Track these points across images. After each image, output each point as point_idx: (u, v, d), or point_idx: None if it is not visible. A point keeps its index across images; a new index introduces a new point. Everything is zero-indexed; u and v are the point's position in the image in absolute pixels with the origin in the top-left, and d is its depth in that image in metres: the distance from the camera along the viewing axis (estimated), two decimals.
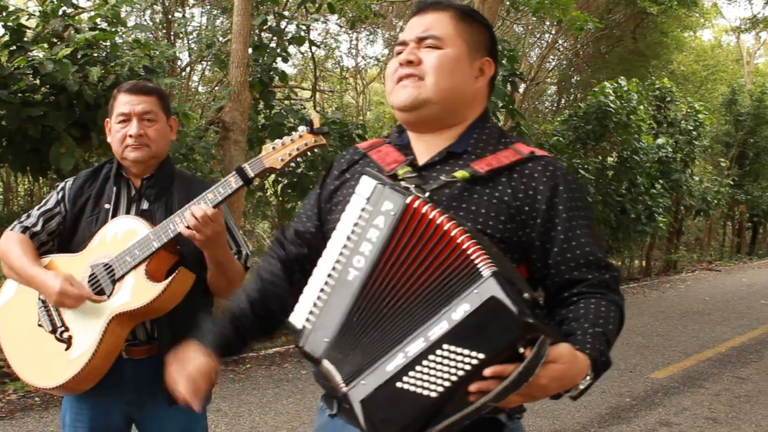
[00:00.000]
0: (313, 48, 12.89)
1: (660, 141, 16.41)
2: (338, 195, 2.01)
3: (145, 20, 14.28)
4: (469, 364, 1.50)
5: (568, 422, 5.99)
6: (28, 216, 2.80)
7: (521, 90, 19.83)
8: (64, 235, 2.79)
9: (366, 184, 1.70)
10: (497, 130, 1.97)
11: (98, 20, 7.41)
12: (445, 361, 1.52)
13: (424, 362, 1.53)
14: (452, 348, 1.51)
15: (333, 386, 1.68)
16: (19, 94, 6.73)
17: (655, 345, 9.24)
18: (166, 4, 14.57)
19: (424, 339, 1.54)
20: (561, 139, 14.11)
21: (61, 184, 2.86)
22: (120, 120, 2.77)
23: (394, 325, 1.60)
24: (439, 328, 1.53)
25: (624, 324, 1.85)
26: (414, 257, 1.60)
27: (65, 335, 2.64)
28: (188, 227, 2.52)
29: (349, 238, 1.67)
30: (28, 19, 7.24)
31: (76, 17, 7.46)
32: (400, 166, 1.89)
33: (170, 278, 2.56)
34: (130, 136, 2.73)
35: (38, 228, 2.75)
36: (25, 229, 2.74)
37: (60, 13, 7.21)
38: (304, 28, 10.24)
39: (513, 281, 1.54)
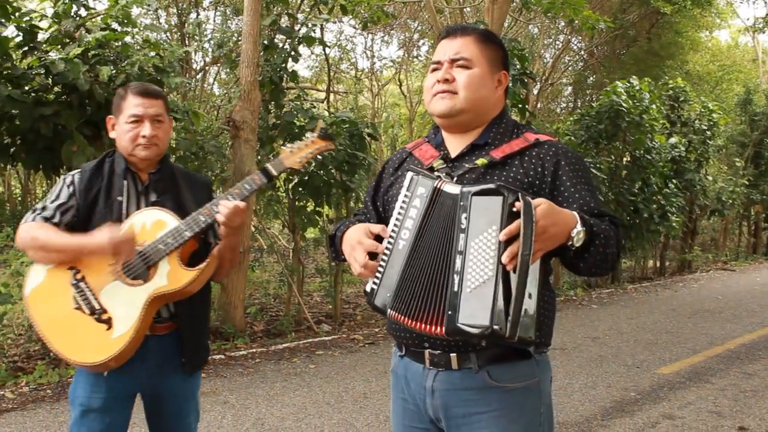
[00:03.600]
0: (327, 49, 12.96)
1: (673, 140, 16.36)
2: (393, 189, 2.51)
3: (160, 22, 14.44)
4: (493, 239, 1.97)
5: (572, 415, 6.04)
6: (44, 208, 2.97)
7: (535, 91, 19.87)
8: (79, 226, 2.96)
9: (407, 177, 2.25)
10: (512, 123, 2.48)
11: (109, 21, 7.52)
12: (480, 252, 1.99)
13: (469, 263, 2.00)
14: (475, 241, 2.00)
15: (404, 334, 2.33)
16: (32, 94, 6.88)
17: (664, 342, 9.25)
18: (181, 6, 14.72)
19: (458, 254, 2.03)
20: (573, 138, 14.12)
21: (69, 179, 3.02)
22: (132, 120, 3.01)
23: (437, 267, 2.10)
24: (462, 240, 2.03)
25: (620, 249, 2.26)
26: (439, 219, 2.13)
27: (105, 317, 2.88)
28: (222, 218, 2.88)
29: (397, 218, 2.21)
30: (40, 20, 7.36)
31: (86, 17, 7.57)
32: (435, 159, 2.41)
33: (204, 264, 2.94)
34: (143, 136, 3.00)
35: (56, 220, 2.95)
36: (45, 220, 2.94)
37: (72, 14, 7.33)
38: (314, 28, 10.32)
39: (478, 184, 2.10)
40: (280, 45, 10.01)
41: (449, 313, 2.02)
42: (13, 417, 5.83)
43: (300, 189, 9.79)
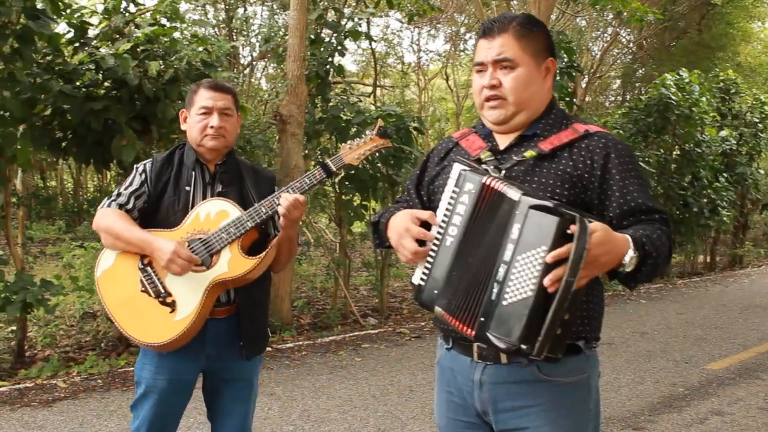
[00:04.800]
0: (374, 43, 12.98)
1: (724, 133, 16.11)
2: (439, 179, 2.47)
3: (208, 17, 14.57)
4: (540, 258, 1.92)
5: (619, 410, 6.00)
6: (119, 195, 3.20)
7: (583, 84, 19.69)
8: (148, 212, 3.20)
9: (454, 171, 2.21)
10: (561, 114, 2.42)
11: (158, 16, 7.62)
12: (524, 268, 1.95)
13: (511, 277, 1.98)
14: (522, 256, 1.96)
15: (451, 328, 2.21)
16: (83, 89, 6.98)
17: (714, 337, 9.14)
18: (229, 1, 14.85)
19: (503, 263, 2.00)
20: (621, 131, 13.99)
21: (141, 167, 3.27)
22: (202, 112, 3.20)
23: (481, 268, 2.07)
24: (508, 251, 1.99)
25: (671, 252, 2.22)
26: (487, 218, 2.08)
27: (169, 300, 3.05)
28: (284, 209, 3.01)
29: (445, 214, 2.18)
30: (90, 16, 7.48)
31: (135, 13, 7.68)
32: (483, 151, 2.37)
33: (264, 253, 3.07)
34: (211, 127, 3.17)
35: (130, 206, 3.17)
36: (120, 206, 3.15)
37: (121, 10, 7.44)
38: (360, 22, 10.34)
39: (540, 196, 2.03)
40: (326, 39, 10.05)
41: (482, 319, 2.03)
42: (65, 405, 5.95)
43: (346, 183, 9.83)
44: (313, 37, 9.81)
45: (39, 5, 6.55)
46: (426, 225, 2.25)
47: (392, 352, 8.16)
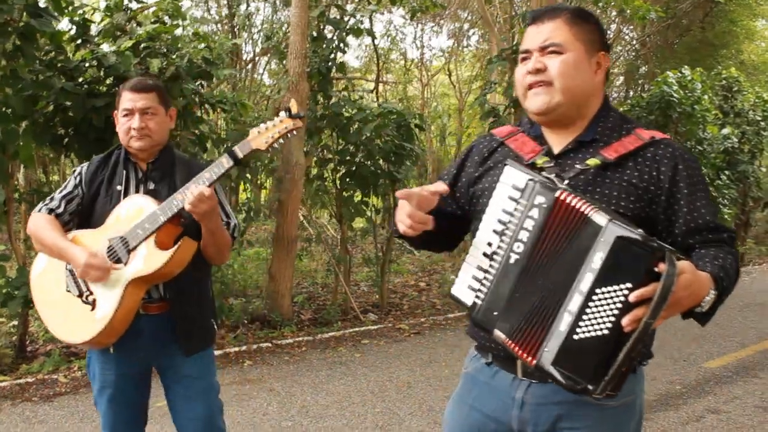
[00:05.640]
0: (377, 40, 13.00)
1: (726, 131, 16.10)
2: (484, 181, 2.31)
3: (210, 14, 14.61)
4: (622, 295, 1.78)
5: None
6: (52, 199, 3.25)
7: None
8: (83, 214, 3.25)
9: (516, 177, 2.04)
10: (619, 117, 2.24)
11: (160, 14, 7.66)
12: (603, 303, 1.82)
13: (587, 311, 1.84)
14: (603, 289, 1.82)
15: (499, 347, 2.12)
16: (85, 86, 7.01)
17: (712, 335, 9.15)
18: None
19: (579, 293, 1.85)
20: None
21: (78, 169, 3.32)
22: (124, 114, 3.22)
23: (550, 293, 1.92)
24: (587, 280, 1.84)
25: (738, 276, 2.09)
26: (561, 238, 1.92)
27: (90, 298, 3.09)
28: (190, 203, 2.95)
29: (506, 226, 2.03)
30: (93, 13, 7.52)
31: (136, 11, 7.72)
32: (539, 155, 2.19)
33: (175, 247, 3.02)
34: (133, 128, 3.18)
35: (61, 210, 3.22)
36: (50, 211, 3.21)
37: (123, 7, 7.47)
38: (362, 19, 10.36)
39: (627, 224, 1.84)
40: (328, 36, 10.08)
41: (546, 349, 1.90)
42: (66, 400, 6.02)
43: (347, 179, 9.87)
44: (315, 34, 9.84)
45: (41, 3, 6.58)
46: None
47: (391, 348, 8.20)
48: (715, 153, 15.26)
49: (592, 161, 2.11)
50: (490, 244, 2.07)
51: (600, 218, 1.83)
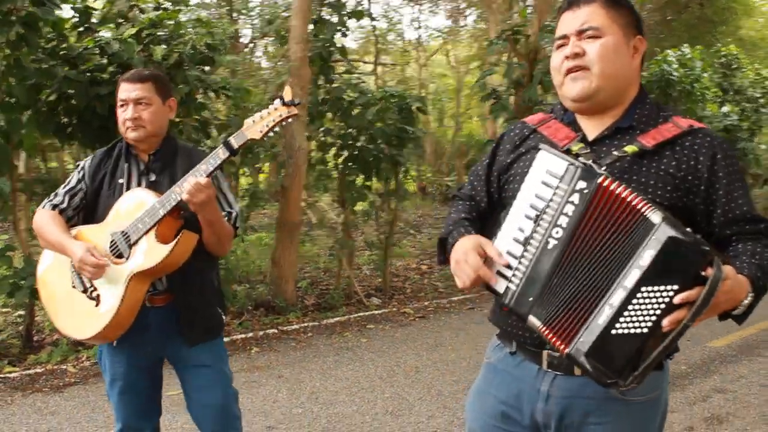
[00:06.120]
0: (375, 21, 12.95)
1: (725, 109, 16.10)
2: (515, 167, 2.26)
3: None
4: (667, 296, 1.78)
5: None
6: (56, 195, 3.27)
7: None
8: (88, 208, 3.27)
9: (551, 162, 1.98)
10: (655, 104, 2.19)
11: (161, 0, 7.63)
12: (647, 301, 1.80)
13: (629, 307, 1.82)
14: (649, 288, 1.80)
15: (527, 334, 2.12)
16: (88, 74, 6.99)
17: None
18: None
19: (622, 288, 1.83)
20: None
21: (81, 164, 3.32)
22: (120, 105, 3.24)
23: (590, 283, 1.89)
24: (632, 276, 1.82)
25: None
26: (603, 226, 1.88)
27: (94, 294, 3.12)
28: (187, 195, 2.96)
29: (542, 211, 1.97)
30: (95, 0, 7.48)
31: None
32: (573, 142, 2.14)
33: (175, 240, 3.02)
34: (127, 119, 3.18)
35: (65, 205, 3.24)
36: (54, 207, 3.23)
37: None
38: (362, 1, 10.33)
39: (678, 223, 1.82)
40: (329, 19, 10.03)
41: (581, 340, 1.88)
42: (76, 391, 6.04)
43: (350, 164, 9.86)
44: (315, 18, 9.80)
45: None
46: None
47: (397, 332, 8.23)
48: (715, 131, 15.25)
49: (630, 148, 2.06)
50: (521, 230, 2.01)
51: (654, 216, 1.80)
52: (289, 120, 3.02)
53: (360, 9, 10.19)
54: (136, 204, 3.09)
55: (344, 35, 10.12)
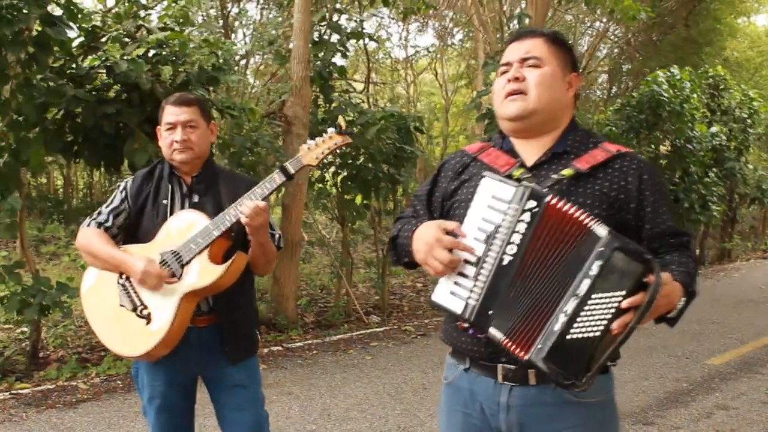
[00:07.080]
0: (366, 40, 13.08)
1: (714, 129, 16.30)
2: (459, 194, 2.39)
3: (204, 17, 14.61)
4: (615, 301, 1.93)
5: (627, 406, 6.16)
6: (99, 213, 3.32)
7: None
8: (130, 228, 3.32)
9: (499, 188, 2.10)
10: (586, 132, 2.40)
11: (167, 21, 7.71)
12: (597, 307, 1.95)
13: (582, 313, 1.96)
14: (599, 295, 1.95)
15: (475, 341, 2.25)
16: (94, 93, 7.06)
17: (711, 332, 9.33)
18: None
19: (575, 297, 1.96)
20: (614, 128, 14.16)
21: (122, 184, 3.39)
22: (168, 128, 3.30)
23: (545, 294, 2.02)
24: (584, 285, 1.96)
25: (697, 275, 2.29)
26: (554, 240, 2.02)
27: (145, 312, 3.14)
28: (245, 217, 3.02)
29: (496, 231, 2.07)
30: (102, 20, 7.56)
31: (145, 17, 7.76)
32: (514, 167, 2.31)
33: (230, 261, 3.09)
34: (176, 141, 3.25)
35: (109, 223, 3.29)
36: (99, 225, 3.28)
37: (132, 14, 7.52)
38: (362, 23, 10.45)
39: (622, 236, 1.99)
40: (329, 40, 10.13)
41: (539, 346, 1.99)
42: (89, 407, 6.06)
43: (349, 182, 9.94)
44: (316, 38, 9.90)
45: (55, 12, 6.63)
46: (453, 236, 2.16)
47: (400, 350, 8.31)
48: (703, 151, 15.47)
49: (567, 171, 2.25)
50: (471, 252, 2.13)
51: (600, 229, 1.97)
52: (343, 147, 3.15)
53: (360, 30, 10.27)
54: (187, 225, 3.16)
55: (344, 56, 10.23)
